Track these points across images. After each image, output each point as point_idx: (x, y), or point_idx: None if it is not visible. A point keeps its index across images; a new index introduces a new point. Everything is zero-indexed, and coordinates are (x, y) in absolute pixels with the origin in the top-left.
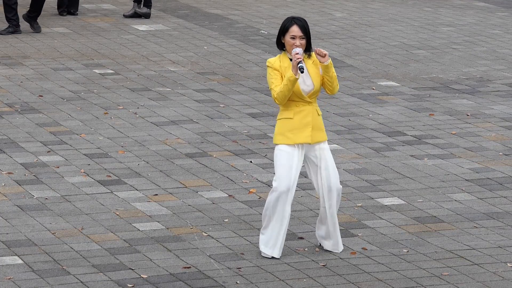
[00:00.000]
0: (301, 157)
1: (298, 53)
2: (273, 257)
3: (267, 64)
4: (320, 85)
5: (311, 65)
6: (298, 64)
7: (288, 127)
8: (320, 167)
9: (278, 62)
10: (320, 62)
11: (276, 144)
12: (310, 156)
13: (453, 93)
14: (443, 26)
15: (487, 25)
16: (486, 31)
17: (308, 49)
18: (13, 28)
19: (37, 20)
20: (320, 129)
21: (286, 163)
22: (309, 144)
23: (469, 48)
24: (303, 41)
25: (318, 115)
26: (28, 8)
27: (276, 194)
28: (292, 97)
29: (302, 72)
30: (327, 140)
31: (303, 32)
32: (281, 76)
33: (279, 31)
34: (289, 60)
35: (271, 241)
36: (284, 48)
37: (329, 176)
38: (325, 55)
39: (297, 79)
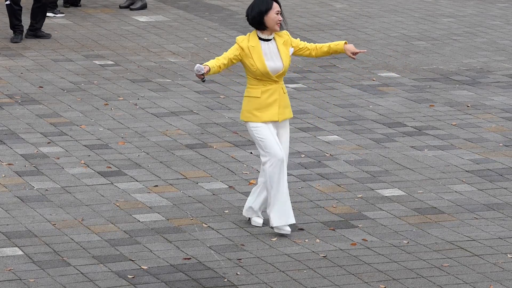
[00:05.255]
0: (274, 129)
1: (198, 73)
2: (288, 231)
3: (236, 40)
4: (288, 65)
5: (282, 45)
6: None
7: (255, 106)
8: (280, 138)
9: (246, 41)
10: (349, 55)
11: (245, 122)
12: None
13: (454, 84)
14: (444, 17)
15: (487, 16)
16: (486, 22)
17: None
18: (21, 35)
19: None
20: (286, 106)
21: (269, 136)
22: (277, 121)
23: (470, 39)
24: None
25: (284, 93)
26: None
27: (274, 164)
28: (260, 77)
29: (203, 81)
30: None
31: (280, 8)
32: (239, 55)
33: (259, 13)
34: (257, 39)
35: (284, 211)
36: (265, 26)
37: (286, 149)
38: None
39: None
